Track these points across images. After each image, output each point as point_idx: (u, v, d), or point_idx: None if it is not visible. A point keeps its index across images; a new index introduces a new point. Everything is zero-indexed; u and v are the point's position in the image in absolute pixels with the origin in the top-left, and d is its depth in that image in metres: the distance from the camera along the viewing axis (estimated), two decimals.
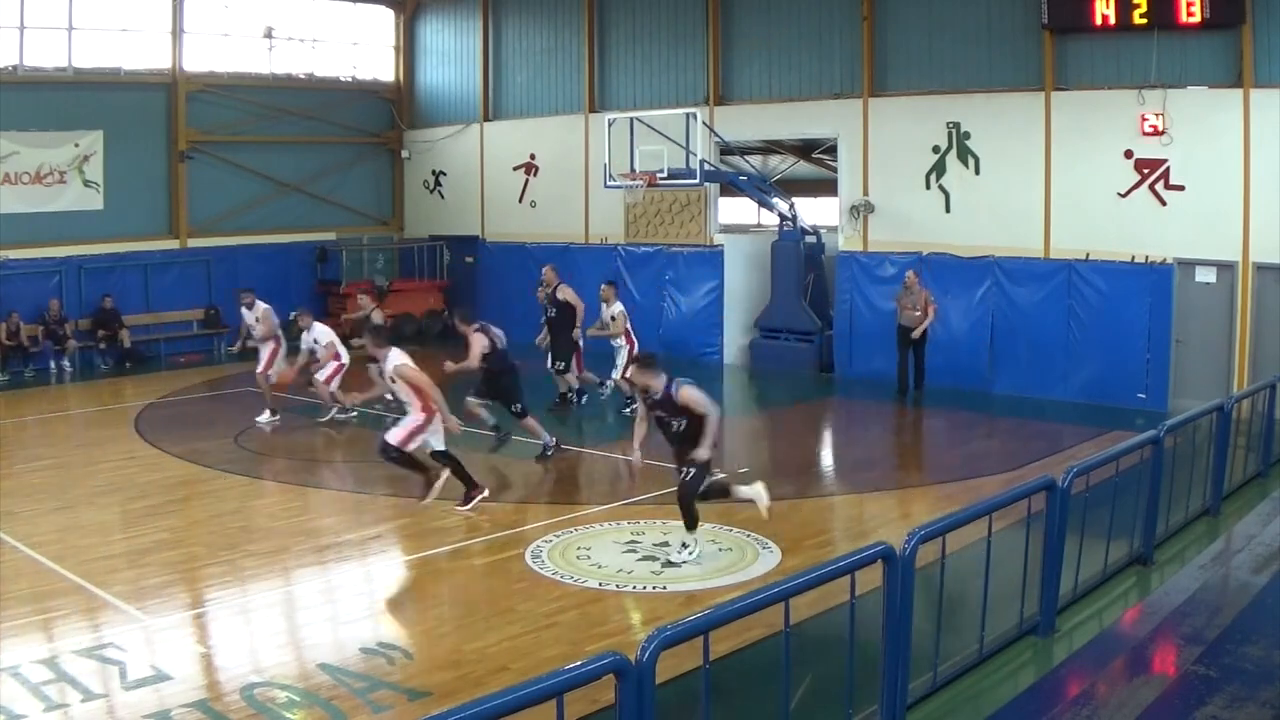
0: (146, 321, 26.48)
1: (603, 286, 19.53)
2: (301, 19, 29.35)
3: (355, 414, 18.41)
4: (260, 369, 18.99)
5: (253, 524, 13.08)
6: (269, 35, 28.71)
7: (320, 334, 18.59)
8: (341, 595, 11.11)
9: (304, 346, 18.56)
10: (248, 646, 9.62)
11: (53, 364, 24.56)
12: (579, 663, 4.95)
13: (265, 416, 18.72)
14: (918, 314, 19.61)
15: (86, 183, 26.27)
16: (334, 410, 18.52)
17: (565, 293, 18.83)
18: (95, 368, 25.15)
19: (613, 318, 18.84)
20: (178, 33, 27.37)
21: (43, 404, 21.41)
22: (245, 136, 28.52)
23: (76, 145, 26.02)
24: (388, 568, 12.03)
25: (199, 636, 9.87)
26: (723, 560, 11.38)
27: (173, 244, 27.64)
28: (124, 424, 19.01)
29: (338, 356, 18.48)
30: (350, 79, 30.52)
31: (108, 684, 8.59)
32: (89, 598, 10.55)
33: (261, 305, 19.11)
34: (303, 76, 29.59)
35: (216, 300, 27.42)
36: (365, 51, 30.78)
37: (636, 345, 18.68)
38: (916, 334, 19.65)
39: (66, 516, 13.44)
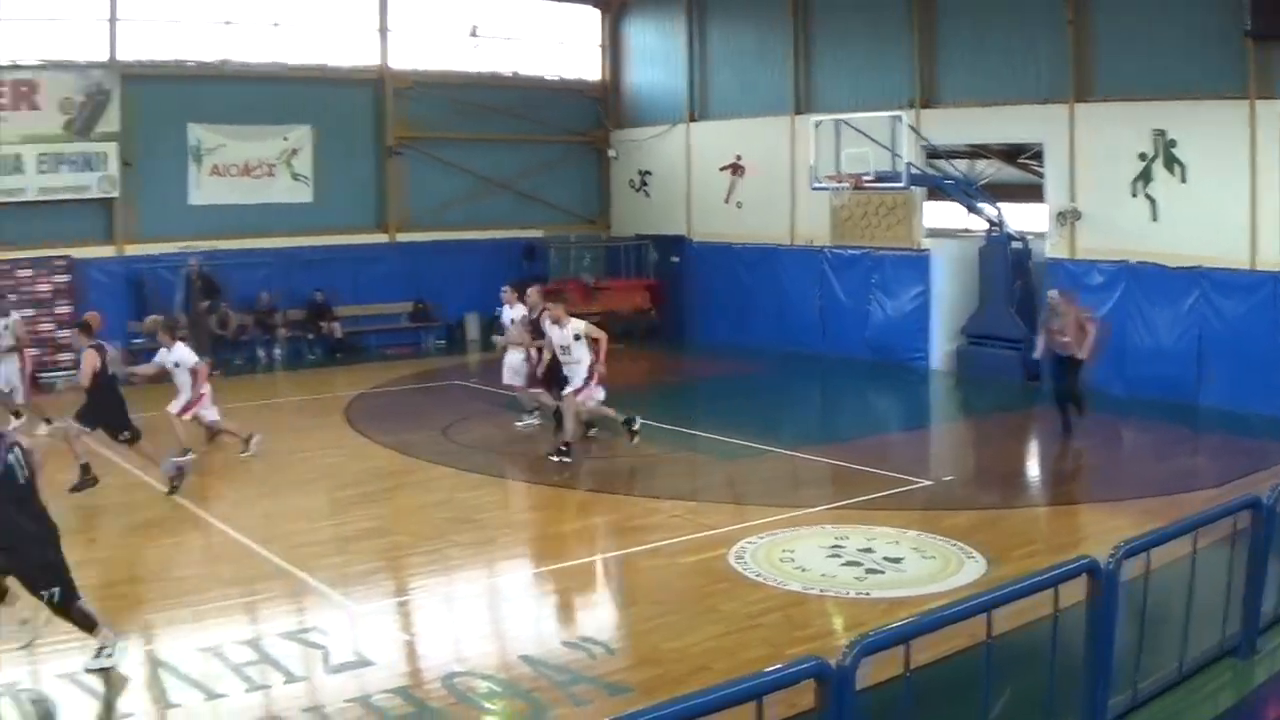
0: (355, 314, 27.18)
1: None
2: (507, 18, 29.77)
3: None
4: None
5: (459, 515, 13.28)
6: (474, 34, 29.17)
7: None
8: (545, 588, 11.24)
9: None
10: (450, 635, 9.78)
11: (261, 353, 25.52)
12: (779, 666, 4.87)
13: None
14: (1067, 339, 17.32)
15: (295, 176, 27.17)
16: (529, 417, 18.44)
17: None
18: (303, 358, 25.94)
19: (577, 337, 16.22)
20: (384, 30, 28.15)
21: (252, 392, 22.04)
22: (453, 133, 28.94)
23: (285, 139, 26.93)
24: (591, 563, 12.09)
25: (402, 624, 10.08)
26: (928, 568, 11.21)
27: (382, 238, 28.36)
28: (334, 413, 19.60)
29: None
30: (556, 78, 30.83)
31: (310, 667, 8.82)
32: (294, 582, 10.87)
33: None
34: (508, 75, 29.98)
35: (425, 295, 28.09)
36: (571, 51, 31.08)
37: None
38: (1083, 354, 17.30)
39: (274, 502, 13.91)
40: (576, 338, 15.81)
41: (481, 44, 29.36)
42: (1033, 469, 17.16)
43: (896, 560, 11.31)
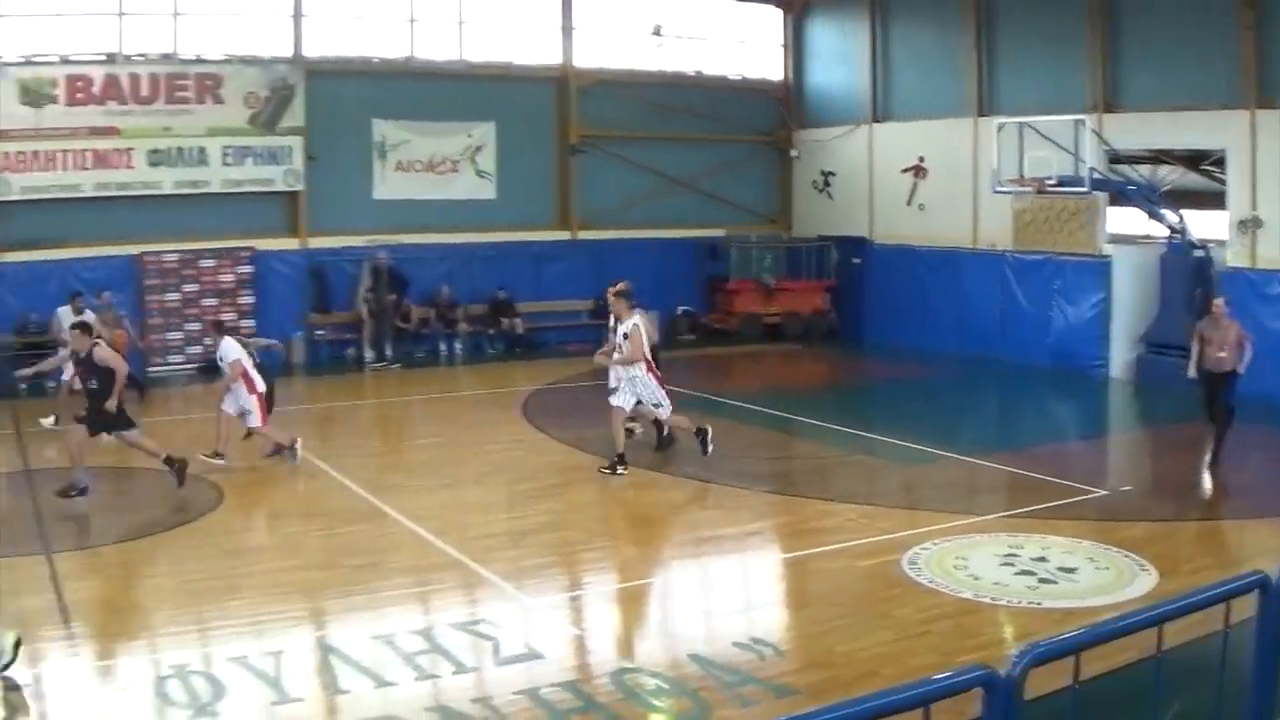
0: (536, 310, 27.38)
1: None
2: (689, 17, 29.76)
3: None
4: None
5: (633, 513, 13.36)
6: (657, 33, 29.21)
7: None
8: (717, 588, 11.18)
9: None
10: (620, 632, 9.80)
11: (442, 346, 25.88)
12: (947, 673, 4.74)
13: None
14: (1223, 355, 16.00)
15: (479, 173, 27.56)
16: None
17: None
18: (483, 352, 26.30)
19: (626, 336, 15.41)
20: (567, 29, 28.39)
21: (431, 385, 22.55)
22: (635, 132, 29.05)
23: (469, 136, 27.32)
24: (764, 564, 12.04)
25: (573, 618, 10.10)
26: (1101, 579, 10.89)
27: (563, 235, 28.64)
28: (512, 407, 19.80)
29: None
30: (739, 77, 30.75)
31: (480, 658, 8.89)
32: (467, 573, 11.00)
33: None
34: (691, 74, 29.99)
35: (605, 292, 28.07)
36: (753, 50, 30.99)
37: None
38: (1241, 368, 16.14)
39: (451, 494, 14.10)
40: (625, 336, 15.12)
41: (664, 43, 29.40)
42: (1208, 481, 16.33)
43: (1070, 570, 11.04)
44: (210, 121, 24.64)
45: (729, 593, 11.10)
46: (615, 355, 15.21)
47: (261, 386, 15.55)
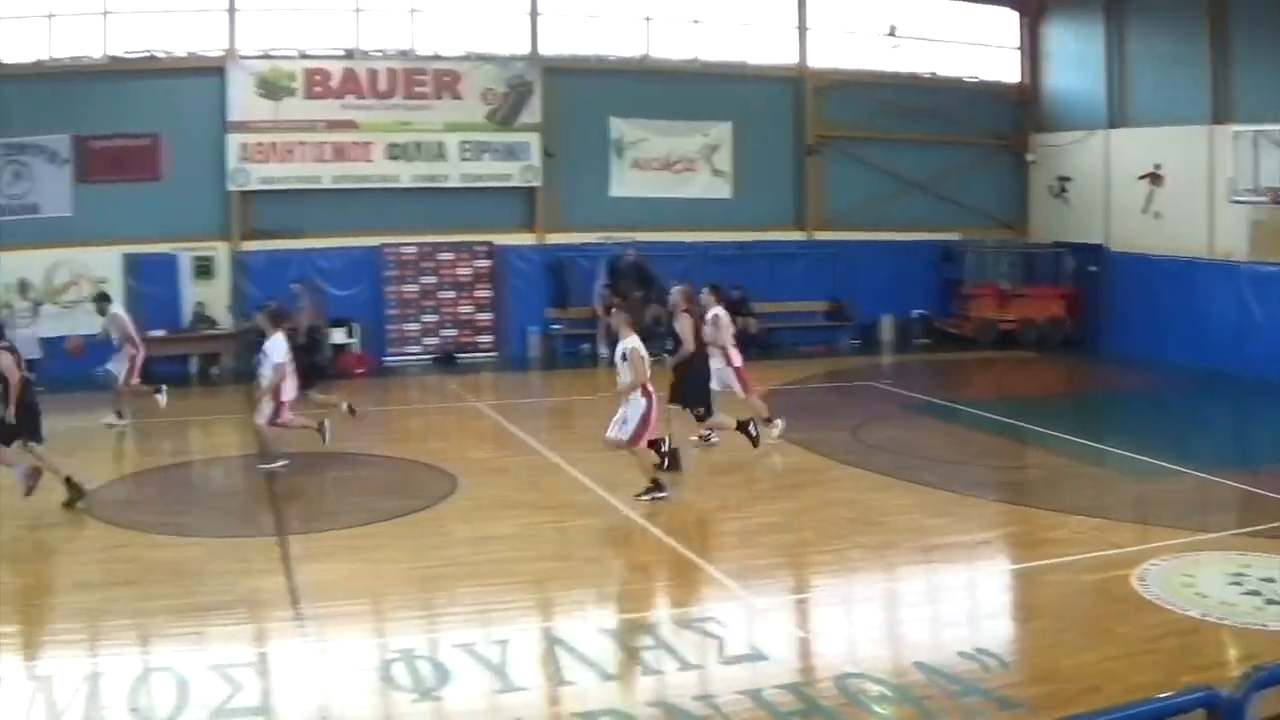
0: (772, 310, 27.36)
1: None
2: (924, 18, 29.47)
3: None
4: None
5: (863, 516, 13.17)
6: (892, 34, 28.98)
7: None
8: (943, 596, 11.04)
9: None
10: (845, 636, 9.72)
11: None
12: (1169, 694, 4.77)
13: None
14: None
15: (715, 172, 27.80)
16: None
17: (682, 323, 16.11)
18: None
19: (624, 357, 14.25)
20: (803, 29, 28.43)
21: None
22: (871, 133, 28.89)
23: (705, 136, 27.64)
24: (992, 573, 11.85)
25: (799, 620, 10.10)
26: None
27: (799, 236, 28.69)
28: (744, 408, 19.92)
29: None
30: (974, 79, 30.35)
31: (704, 656, 8.96)
32: (696, 571, 11.12)
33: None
34: (926, 76, 29.71)
35: (840, 294, 28.11)
36: (989, 53, 30.55)
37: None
38: None
39: (683, 492, 14.10)
40: (623, 357, 13.80)
41: (899, 44, 29.14)
42: None
43: None
44: (448, 117, 25.48)
45: (955, 601, 10.96)
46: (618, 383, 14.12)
47: (288, 395, 15.83)
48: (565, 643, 9.20)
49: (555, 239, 26.49)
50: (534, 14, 26.30)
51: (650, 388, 13.75)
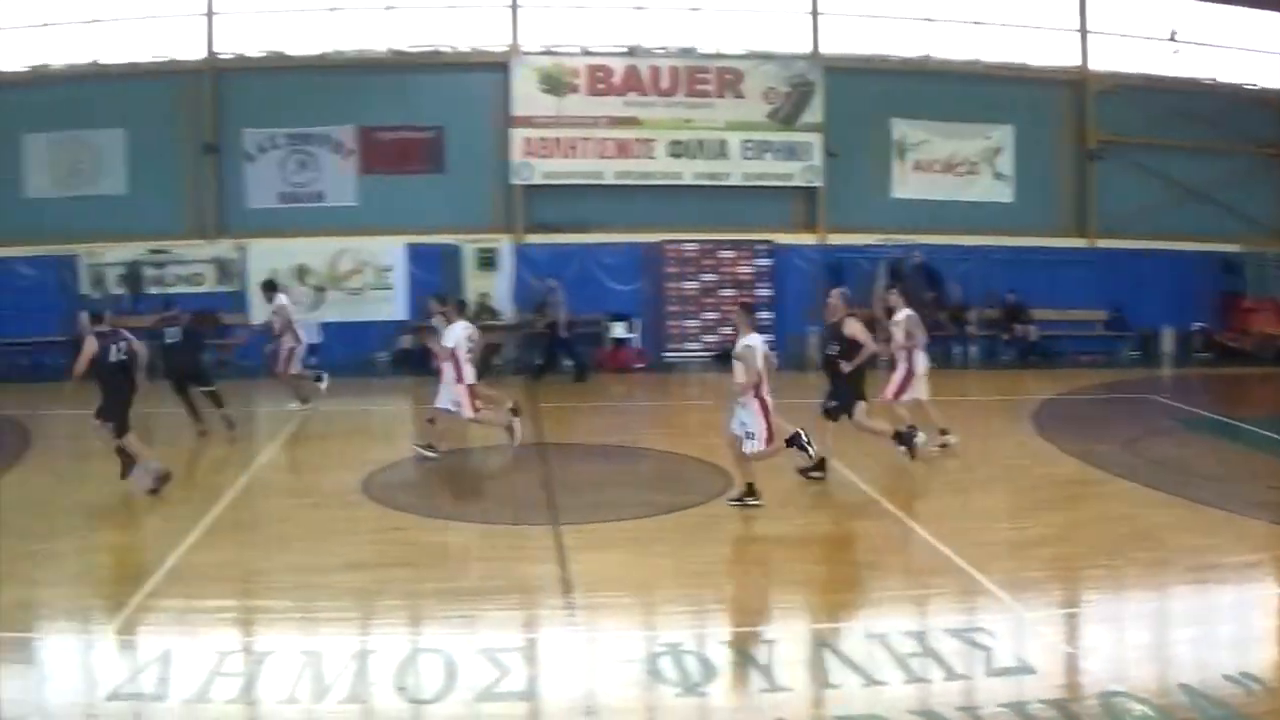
0: (1050, 317, 27.10)
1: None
2: (1204, 23, 28.78)
3: None
4: None
5: (1136, 532, 12.97)
6: (1172, 39, 28.37)
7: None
8: (1212, 617, 10.82)
9: None
10: (1112, 653, 9.64)
11: (956, 349, 26.17)
12: None
13: None
14: None
15: (997, 175, 27.72)
16: None
17: (852, 327, 15.53)
18: (996, 358, 26.44)
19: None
20: (1084, 31, 28.15)
21: (942, 387, 22.33)
22: (1151, 139, 28.38)
23: (987, 138, 27.62)
24: (1264, 596, 11.52)
25: (1067, 635, 10.02)
26: None
27: (1079, 243, 28.34)
28: (1021, 417, 19.76)
29: None
30: (1256, 87, 29.54)
31: (970, 666, 9.00)
32: (965, 580, 11.10)
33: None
34: (1207, 81, 29.04)
35: (1119, 303, 27.66)
36: (1271, 60, 29.68)
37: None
38: None
39: (954, 499, 14.33)
40: (737, 356, 13.63)
41: (1179, 49, 28.49)
42: None
43: None
44: (730, 115, 26.00)
45: (1223, 623, 10.71)
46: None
47: (470, 377, 16.25)
48: (832, 646, 9.36)
49: (836, 239, 26.69)
50: (815, 13, 26.59)
51: (763, 391, 13.55)
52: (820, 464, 14.81)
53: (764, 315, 25.25)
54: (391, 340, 25.63)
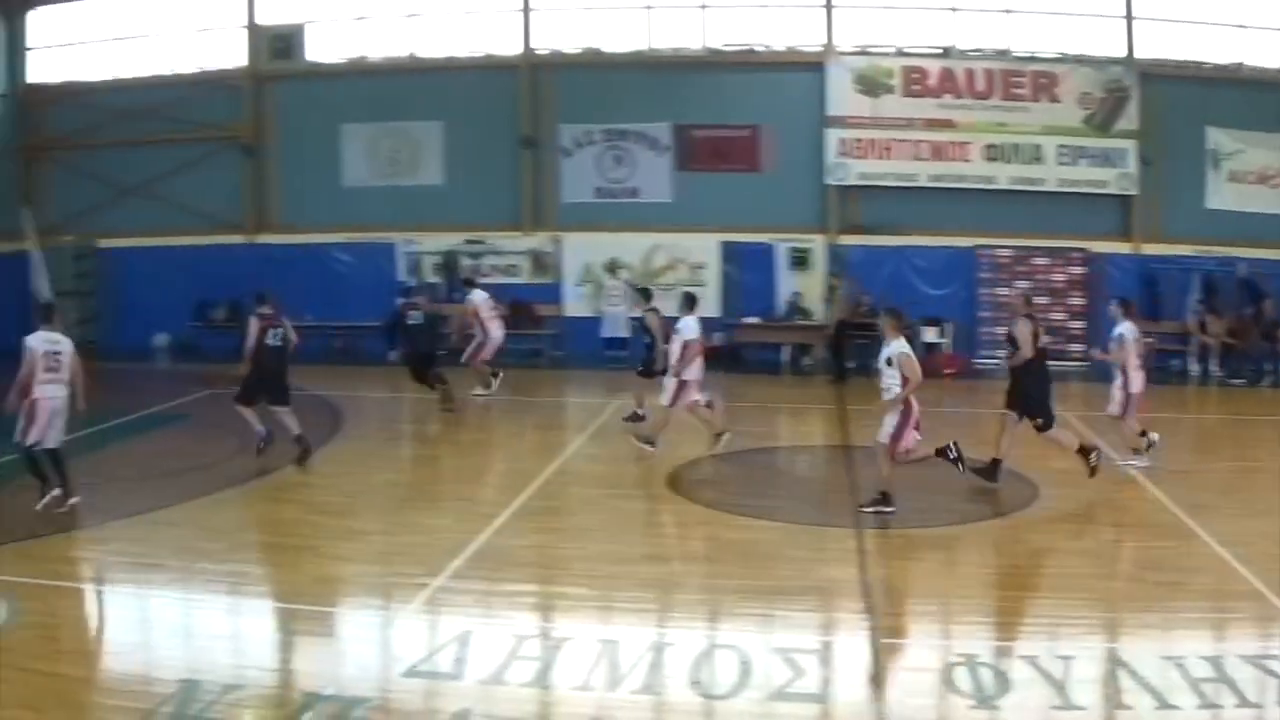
0: None
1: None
2: None
3: None
4: None
5: None
6: None
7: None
8: None
9: None
10: None
11: (1265, 367, 25.44)
12: None
13: None
14: None
15: None
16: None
17: (1019, 328, 15.97)
18: None
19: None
20: None
21: (1257, 406, 22.71)
22: None
23: None
24: None
25: None
26: None
27: None
28: None
29: None
30: None
31: (1263, 695, 9.07)
32: (1267, 607, 11.07)
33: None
34: None
35: None
36: None
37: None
38: None
39: (1263, 522, 13.96)
40: (889, 362, 14.26)
41: None
42: None
43: None
44: (1045, 119, 26.32)
45: None
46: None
47: (693, 374, 17.09)
48: (1128, 666, 9.54)
49: (1150, 249, 26.66)
50: (1129, 16, 26.64)
51: (911, 398, 14.07)
52: (992, 466, 15.54)
53: (1076, 325, 25.97)
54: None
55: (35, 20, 31.87)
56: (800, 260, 27.42)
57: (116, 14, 31.15)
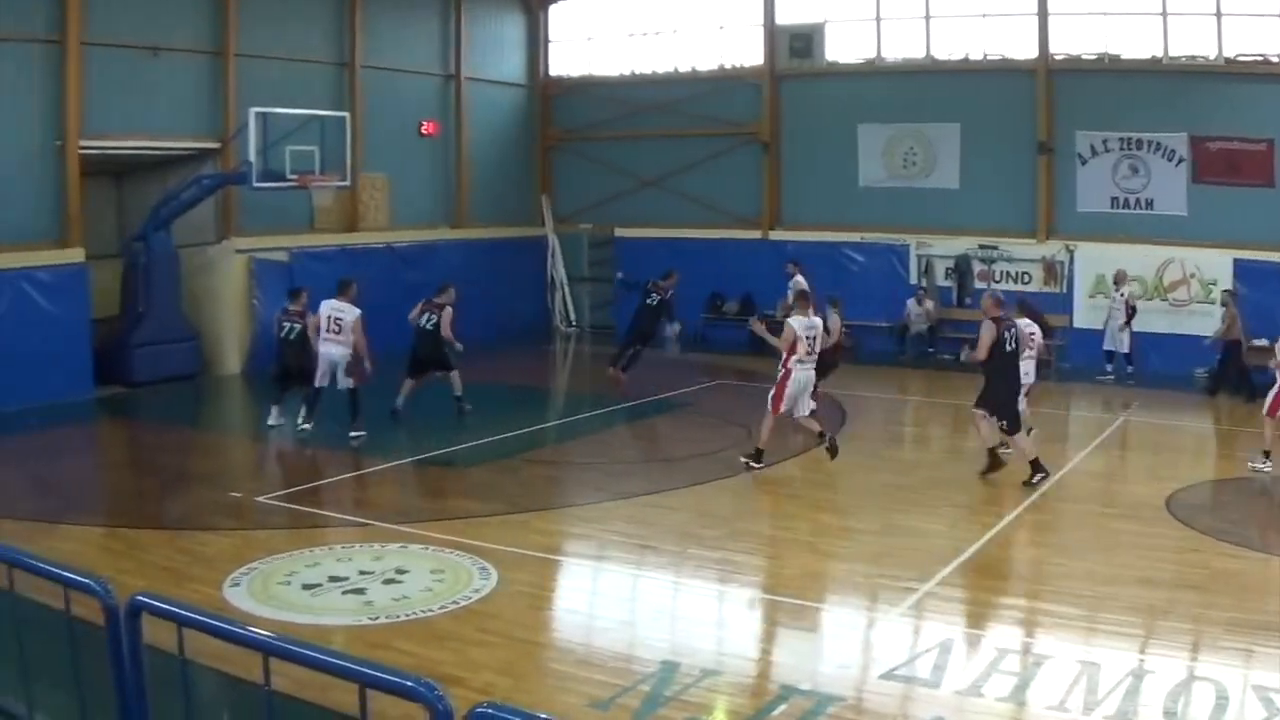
0: None
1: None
2: None
3: None
4: None
5: None
6: None
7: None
8: None
9: None
10: None
11: None
12: None
13: None
14: None
15: None
16: None
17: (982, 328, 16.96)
18: None
19: None
20: None
21: None
22: None
23: None
24: None
25: None
26: None
27: None
28: None
29: None
30: None
31: None
32: None
33: None
34: None
35: None
36: None
37: None
38: None
39: None
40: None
41: None
42: None
43: None
44: None
45: None
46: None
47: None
48: None
49: None
50: None
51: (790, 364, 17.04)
52: (1034, 467, 16.76)
53: None
54: (1209, 357, 26.14)
55: (556, 14, 35.21)
56: None
57: (634, 10, 34.15)
